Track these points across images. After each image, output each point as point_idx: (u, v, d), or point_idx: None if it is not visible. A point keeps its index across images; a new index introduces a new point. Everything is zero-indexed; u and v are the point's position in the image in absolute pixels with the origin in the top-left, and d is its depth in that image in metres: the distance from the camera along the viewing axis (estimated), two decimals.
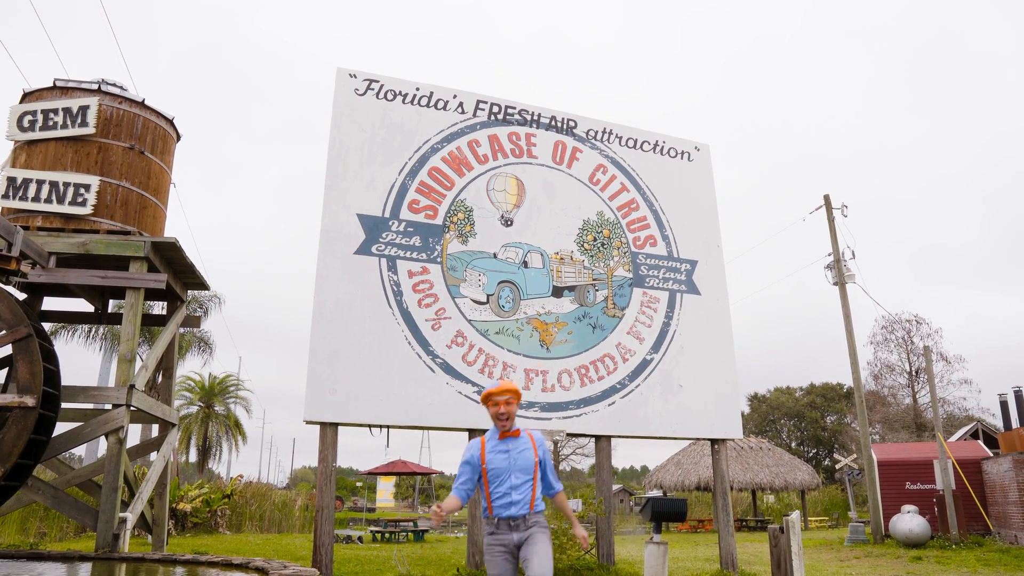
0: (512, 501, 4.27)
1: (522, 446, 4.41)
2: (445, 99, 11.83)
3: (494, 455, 4.37)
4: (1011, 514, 16.89)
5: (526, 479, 4.32)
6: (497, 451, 4.38)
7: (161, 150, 12.99)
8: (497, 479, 4.31)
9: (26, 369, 9.28)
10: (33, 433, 9.21)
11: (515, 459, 4.35)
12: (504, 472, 4.31)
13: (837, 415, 53.79)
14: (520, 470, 4.32)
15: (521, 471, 4.32)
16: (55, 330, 25.73)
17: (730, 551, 11.49)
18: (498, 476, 4.31)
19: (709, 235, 13.11)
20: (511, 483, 4.29)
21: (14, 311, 9.52)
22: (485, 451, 4.41)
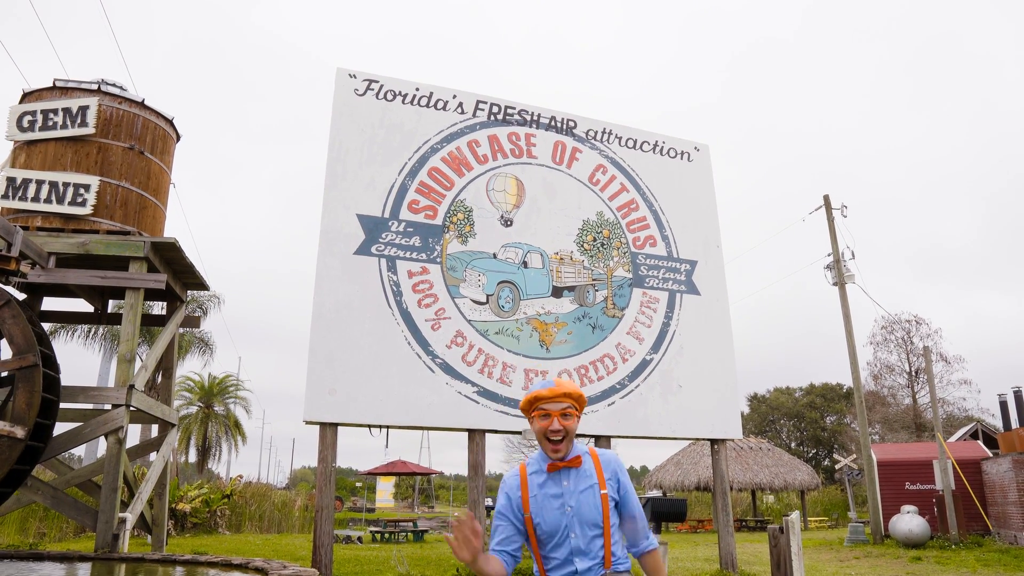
0: (577, 571, 2.71)
1: (585, 482, 2.80)
2: (445, 99, 11.83)
3: (543, 501, 2.79)
4: (1011, 514, 16.89)
5: (594, 534, 2.75)
6: (547, 493, 2.80)
7: (161, 150, 12.99)
8: (551, 539, 2.76)
9: (24, 399, 9.29)
10: (16, 464, 9.25)
11: (577, 505, 2.75)
12: (559, 528, 2.75)
13: (837, 415, 53.80)
14: (586, 522, 2.74)
15: (588, 523, 2.74)
16: (54, 330, 25.72)
17: (730, 551, 11.48)
18: (552, 535, 2.75)
19: (709, 235, 13.11)
20: (572, 545, 2.73)
21: (27, 337, 9.53)
22: (528, 492, 2.82)
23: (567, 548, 2.71)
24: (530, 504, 2.77)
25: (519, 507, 2.79)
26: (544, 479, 2.80)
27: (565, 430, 2.74)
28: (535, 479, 2.82)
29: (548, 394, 2.75)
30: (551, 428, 2.74)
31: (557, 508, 2.73)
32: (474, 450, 10.40)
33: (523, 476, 2.84)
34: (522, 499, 2.78)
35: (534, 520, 2.75)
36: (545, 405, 2.77)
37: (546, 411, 2.76)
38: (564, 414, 2.75)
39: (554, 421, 2.74)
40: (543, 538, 2.75)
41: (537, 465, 2.86)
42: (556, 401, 2.76)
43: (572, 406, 2.79)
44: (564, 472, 2.79)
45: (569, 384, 2.81)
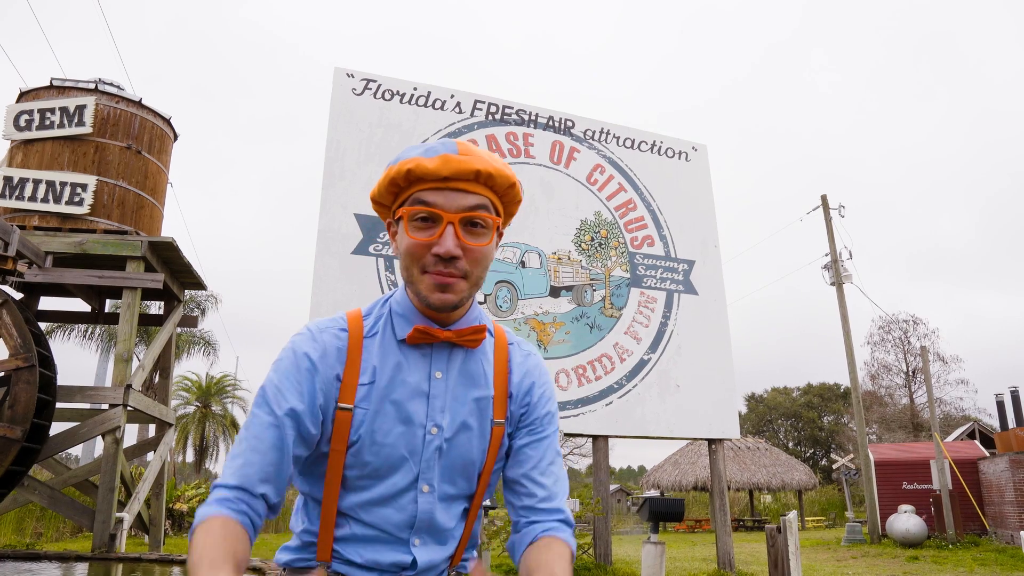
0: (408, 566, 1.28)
1: (474, 385, 1.33)
2: (443, 99, 11.83)
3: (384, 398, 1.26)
4: (1007, 514, 16.93)
5: (459, 494, 1.34)
6: (400, 377, 1.27)
7: (158, 150, 12.97)
8: (373, 483, 1.26)
9: (20, 399, 9.30)
10: (12, 464, 9.26)
11: (451, 426, 1.29)
12: (397, 463, 1.26)
13: (834, 415, 53.85)
14: (456, 466, 1.31)
15: (458, 469, 1.31)
16: (51, 330, 25.67)
17: (727, 551, 11.50)
18: (379, 474, 1.26)
19: (706, 235, 13.12)
20: (418, 506, 1.28)
21: (24, 338, 9.54)
22: (358, 369, 1.26)
23: (401, 511, 1.26)
24: (357, 395, 1.25)
25: (329, 397, 1.24)
26: (396, 354, 1.28)
27: (467, 258, 1.23)
28: (375, 348, 1.28)
29: (440, 167, 1.20)
30: (438, 249, 1.21)
31: (409, 421, 1.26)
32: None
33: (354, 335, 1.28)
34: (343, 383, 1.25)
35: (354, 431, 1.24)
36: (430, 195, 1.22)
37: (430, 207, 1.22)
38: (471, 221, 1.23)
39: (446, 234, 1.21)
40: (357, 476, 1.25)
41: (384, 323, 1.31)
42: (456, 186, 1.22)
43: (487, 204, 1.25)
44: (442, 351, 1.30)
45: (487, 156, 1.25)
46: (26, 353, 9.33)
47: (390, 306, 1.33)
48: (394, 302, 1.33)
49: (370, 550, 1.26)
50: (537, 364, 1.44)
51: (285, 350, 1.27)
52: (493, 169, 1.24)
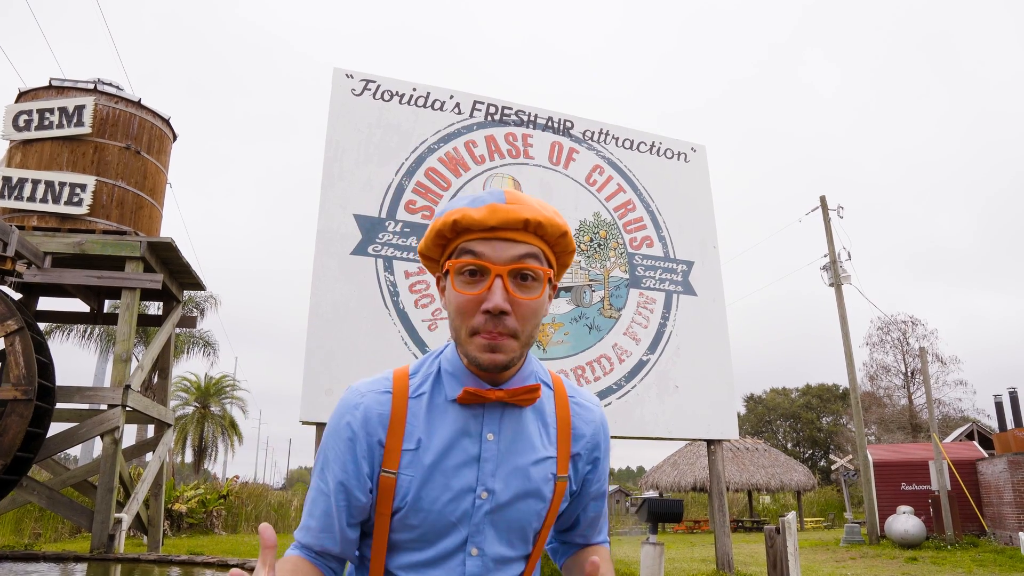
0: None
1: (529, 447, 1.26)
2: (442, 99, 11.83)
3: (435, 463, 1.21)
4: (1006, 515, 16.94)
5: (513, 556, 1.27)
6: (447, 450, 1.22)
7: (157, 150, 12.97)
8: (422, 546, 1.22)
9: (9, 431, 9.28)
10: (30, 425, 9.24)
11: (504, 491, 1.23)
12: (447, 528, 1.21)
13: (833, 416, 53.87)
14: (511, 530, 1.25)
15: (513, 533, 1.25)
16: (50, 330, 25.66)
17: (726, 552, 11.50)
18: (428, 538, 1.22)
19: (706, 236, 13.13)
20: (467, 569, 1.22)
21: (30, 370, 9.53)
22: (403, 434, 1.22)
23: (450, 571, 1.22)
24: (401, 462, 1.21)
25: (373, 465, 1.23)
26: (445, 415, 1.24)
27: (517, 314, 1.16)
28: (421, 410, 1.24)
29: (487, 217, 1.16)
30: (488, 304, 1.14)
31: (460, 487, 1.21)
32: None
33: (398, 397, 1.24)
34: (387, 448, 1.21)
35: (399, 498, 1.21)
36: (478, 245, 1.17)
37: (478, 259, 1.16)
38: (521, 273, 1.17)
39: (494, 288, 1.15)
40: (405, 540, 1.23)
41: (432, 383, 1.27)
42: (504, 236, 1.17)
43: (537, 254, 1.19)
44: (494, 412, 1.25)
45: (536, 204, 1.21)
46: (27, 386, 9.30)
47: (439, 364, 1.28)
48: (444, 360, 1.28)
49: None
50: (603, 422, 1.41)
51: (332, 417, 1.29)
52: (543, 218, 1.18)
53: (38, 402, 9.36)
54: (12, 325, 9.46)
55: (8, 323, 9.46)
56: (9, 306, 9.55)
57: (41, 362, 9.73)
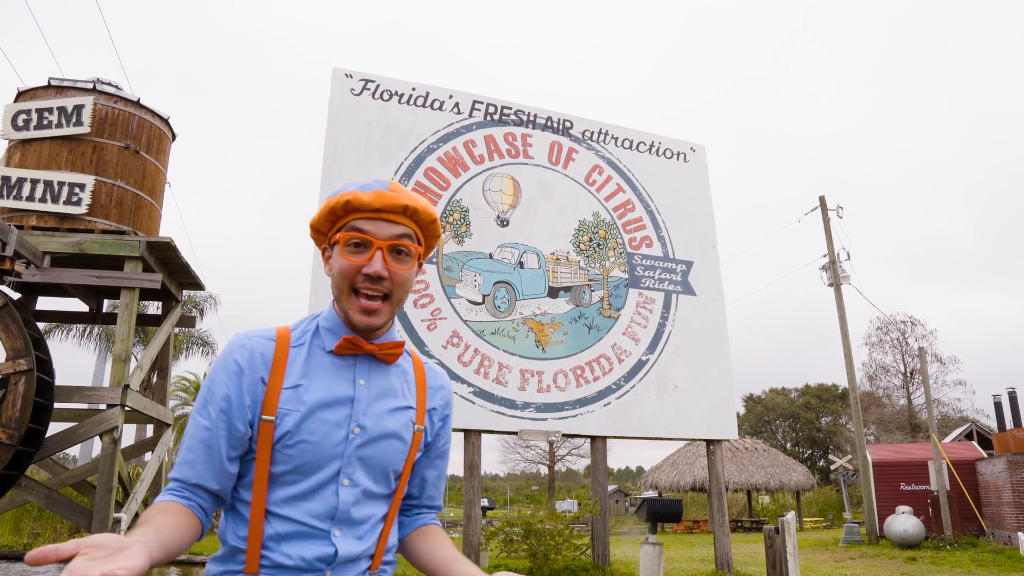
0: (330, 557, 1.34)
1: (392, 395, 1.48)
2: (441, 99, 11.82)
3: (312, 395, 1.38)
4: (1005, 515, 16.94)
5: (380, 494, 1.44)
6: (331, 386, 1.41)
7: (156, 149, 12.96)
8: (299, 479, 1.36)
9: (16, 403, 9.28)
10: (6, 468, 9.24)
11: (372, 430, 1.41)
12: (323, 461, 1.36)
13: (832, 416, 53.87)
14: (378, 467, 1.42)
15: (379, 470, 1.43)
16: (49, 330, 25.65)
17: (725, 551, 11.50)
18: (304, 471, 1.36)
19: (705, 236, 13.13)
20: (338, 501, 1.37)
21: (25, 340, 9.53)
22: (283, 375, 1.39)
23: (323, 503, 1.35)
24: (280, 399, 1.35)
25: (255, 400, 1.35)
26: (322, 363, 1.41)
27: (392, 281, 1.40)
28: (302, 357, 1.41)
29: (374, 200, 1.38)
30: (368, 269, 1.38)
31: (334, 423, 1.36)
32: (470, 450, 10.40)
33: (281, 343, 1.41)
34: (268, 386, 1.35)
35: (278, 432, 1.33)
36: (363, 223, 1.39)
37: (363, 233, 1.39)
38: (396, 248, 1.40)
39: (375, 258, 1.38)
40: (283, 472, 1.34)
41: (311, 336, 1.45)
42: (386, 217, 1.40)
43: (411, 234, 1.43)
44: (364, 362, 1.44)
45: (414, 195, 1.45)
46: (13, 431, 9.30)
47: (318, 322, 1.49)
48: (322, 319, 1.49)
49: (295, 546, 1.33)
50: (449, 391, 1.65)
51: (219, 356, 1.42)
52: (419, 205, 1.44)
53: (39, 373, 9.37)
54: (23, 365, 9.45)
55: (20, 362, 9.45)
56: (27, 344, 9.53)
57: (33, 336, 9.75)
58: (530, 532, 10.37)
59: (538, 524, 10.55)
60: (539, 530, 10.38)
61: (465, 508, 10.43)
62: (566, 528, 10.63)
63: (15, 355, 9.34)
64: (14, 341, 9.40)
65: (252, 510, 1.35)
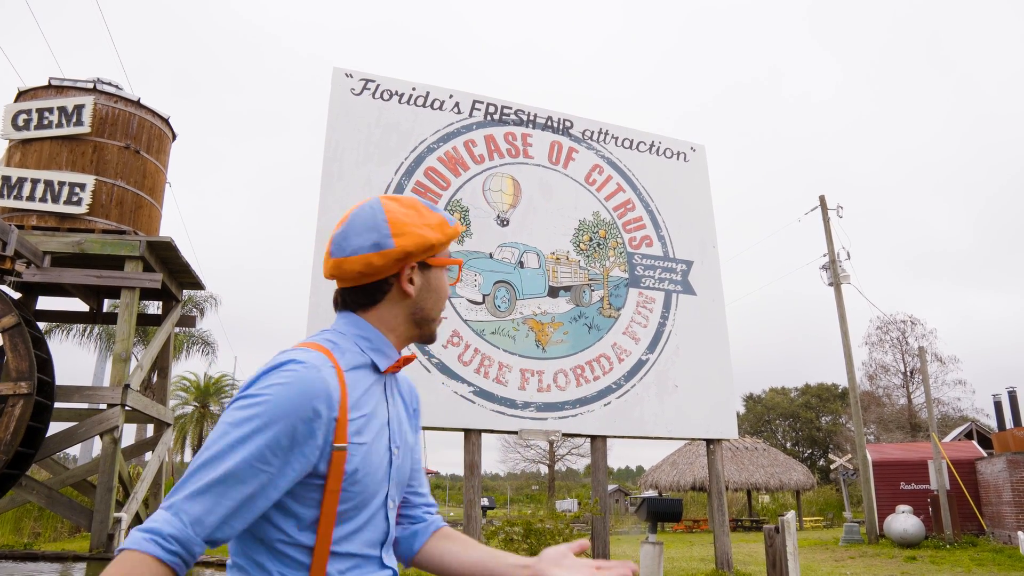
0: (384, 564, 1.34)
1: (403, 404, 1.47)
2: (441, 99, 11.83)
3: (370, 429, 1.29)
4: (1005, 514, 16.95)
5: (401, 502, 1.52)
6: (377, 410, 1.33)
7: (157, 149, 12.96)
8: (360, 510, 1.28)
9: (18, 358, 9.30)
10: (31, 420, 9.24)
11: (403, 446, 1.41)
12: (380, 488, 1.32)
13: (832, 415, 53.88)
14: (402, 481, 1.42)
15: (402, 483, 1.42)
16: (49, 329, 25.65)
17: (725, 551, 11.51)
18: (367, 501, 1.29)
19: (705, 236, 13.13)
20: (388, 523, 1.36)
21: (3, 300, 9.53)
22: (347, 407, 1.24)
23: (377, 530, 1.32)
24: (348, 430, 1.24)
25: (326, 438, 1.20)
26: (369, 386, 1.33)
27: None
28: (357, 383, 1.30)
29: (453, 233, 1.45)
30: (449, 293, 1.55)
31: (384, 448, 1.33)
32: (470, 450, 10.41)
33: (339, 372, 1.26)
34: (338, 421, 1.22)
35: (350, 469, 1.23)
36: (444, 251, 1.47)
37: (458, 261, 1.50)
38: None
39: None
40: (346, 509, 1.25)
41: (357, 355, 1.33)
42: None
43: None
44: (390, 380, 1.43)
45: None
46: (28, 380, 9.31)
47: (355, 342, 1.36)
48: (358, 338, 1.37)
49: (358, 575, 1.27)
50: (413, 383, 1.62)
51: (287, 389, 1.17)
52: None
53: (38, 397, 9.38)
54: (10, 320, 9.46)
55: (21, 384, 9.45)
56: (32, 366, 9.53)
57: (40, 357, 9.74)
58: (530, 531, 10.38)
59: (538, 523, 10.55)
60: (539, 529, 10.38)
61: (465, 508, 10.43)
62: (566, 527, 10.64)
63: (18, 376, 9.33)
64: (19, 362, 9.39)
65: (316, 555, 1.21)
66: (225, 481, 1.11)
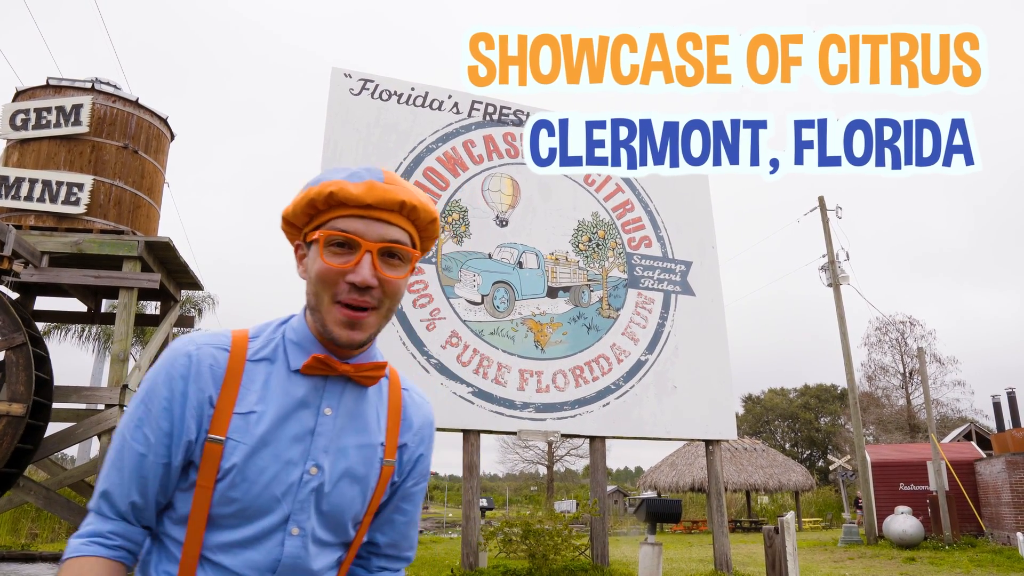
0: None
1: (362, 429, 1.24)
2: (440, 99, 11.82)
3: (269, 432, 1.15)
4: (1004, 515, 16.94)
5: (335, 544, 1.23)
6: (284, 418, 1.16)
7: (155, 149, 12.94)
8: (240, 524, 1.14)
9: (18, 378, 9.28)
10: (20, 441, 9.21)
11: (332, 469, 1.19)
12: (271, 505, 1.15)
13: (831, 416, 53.90)
14: (333, 514, 1.20)
15: (335, 517, 1.21)
16: (48, 330, 25.62)
17: (724, 552, 11.49)
18: (248, 515, 1.14)
19: (704, 236, 13.12)
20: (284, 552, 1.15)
21: (12, 317, 9.52)
22: (236, 397, 1.15)
23: (266, 554, 1.15)
24: (231, 426, 1.14)
25: (200, 425, 1.14)
26: (284, 384, 1.19)
27: (383, 290, 1.18)
28: (260, 376, 1.19)
29: (365, 194, 1.14)
30: (354, 277, 1.15)
31: (287, 462, 1.16)
32: (469, 451, 10.39)
33: (236, 356, 1.18)
34: (217, 408, 1.15)
35: (225, 466, 1.13)
36: (350, 222, 1.16)
37: (349, 234, 1.16)
38: (388, 251, 1.18)
39: (363, 263, 1.16)
40: (223, 515, 1.14)
41: (273, 350, 1.22)
42: (378, 216, 1.17)
43: (407, 236, 1.21)
44: (335, 386, 1.22)
45: (412, 188, 1.21)
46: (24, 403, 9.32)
47: (283, 332, 1.24)
48: (289, 329, 1.24)
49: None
50: (431, 419, 1.39)
51: (158, 366, 1.18)
52: (418, 202, 1.19)
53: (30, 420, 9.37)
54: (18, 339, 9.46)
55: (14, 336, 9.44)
56: (14, 319, 9.53)
57: (40, 378, 9.73)
58: (529, 532, 10.36)
59: (537, 524, 10.54)
60: (538, 530, 10.37)
61: (464, 508, 10.42)
62: (565, 528, 10.62)
63: (12, 398, 9.31)
64: (15, 387, 9.37)
65: (184, 553, 1.13)
66: (119, 461, 1.14)
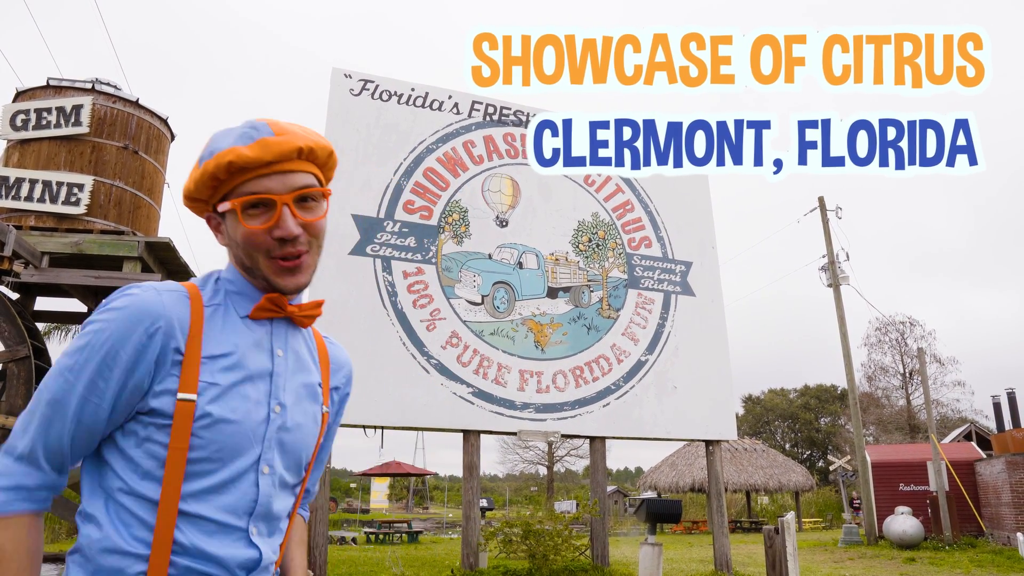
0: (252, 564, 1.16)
1: (305, 368, 1.30)
2: (440, 100, 11.82)
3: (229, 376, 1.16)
4: (1004, 515, 16.94)
5: (294, 484, 1.28)
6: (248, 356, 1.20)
7: (155, 150, 12.95)
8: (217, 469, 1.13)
9: (17, 391, 9.30)
10: None
11: (291, 409, 1.24)
12: (245, 446, 1.16)
13: (831, 417, 53.91)
14: (292, 453, 1.24)
15: (293, 457, 1.25)
16: (48, 330, 25.62)
17: (724, 552, 11.50)
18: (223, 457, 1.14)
19: (704, 237, 13.12)
20: (260, 494, 1.17)
21: (17, 328, 9.54)
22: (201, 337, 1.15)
23: (242, 495, 1.16)
24: (201, 370, 1.15)
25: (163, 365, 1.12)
26: (237, 329, 1.21)
27: (309, 232, 1.23)
28: (218, 321, 1.20)
29: (262, 153, 1.16)
30: (279, 232, 1.18)
31: (255, 401, 1.18)
32: (469, 451, 10.39)
33: (196, 304, 1.18)
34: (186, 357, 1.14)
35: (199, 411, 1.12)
36: (257, 182, 1.18)
37: (260, 195, 1.18)
38: (302, 198, 1.21)
39: (284, 217, 1.19)
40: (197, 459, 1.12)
41: (223, 295, 1.24)
42: (281, 168, 1.19)
43: (314, 178, 1.24)
44: (280, 328, 1.26)
45: (302, 131, 1.23)
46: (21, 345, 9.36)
47: (223, 285, 1.25)
48: (225, 281, 1.26)
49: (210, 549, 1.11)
50: (351, 368, 1.45)
51: (116, 309, 1.12)
52: (314, 144, 1.22)
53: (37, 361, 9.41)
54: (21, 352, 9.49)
55: (18, 350, 9.46)
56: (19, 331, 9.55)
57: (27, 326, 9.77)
58: (529, 533, 10.36)
59: (537, 525, 10.54)
60: (538, 531, 10.37)
61: (464, 509, 10.42)
62: (565, 529, 10.62)
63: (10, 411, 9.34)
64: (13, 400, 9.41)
65: (161, 510, 1.08)
66: (61, 407, 1.09)
